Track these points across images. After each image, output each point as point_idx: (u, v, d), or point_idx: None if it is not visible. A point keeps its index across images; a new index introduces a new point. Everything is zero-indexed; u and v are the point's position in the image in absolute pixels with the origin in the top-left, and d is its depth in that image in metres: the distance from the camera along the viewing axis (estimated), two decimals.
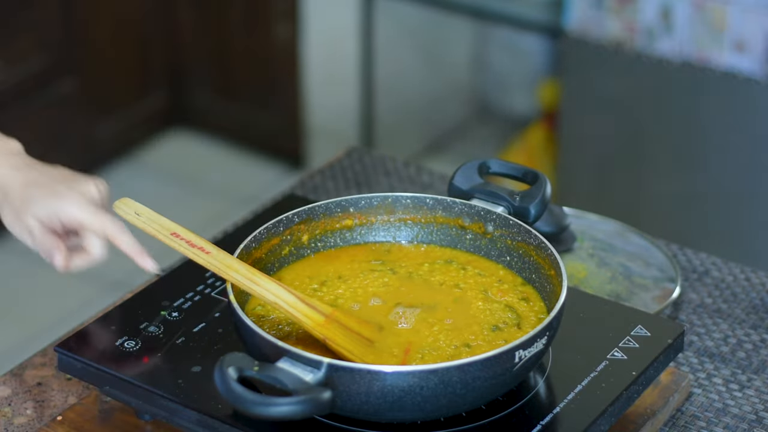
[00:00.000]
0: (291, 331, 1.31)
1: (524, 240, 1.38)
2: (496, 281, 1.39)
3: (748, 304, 1.62)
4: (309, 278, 1.39)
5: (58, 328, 2.59)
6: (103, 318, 1.38)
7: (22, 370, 1.48)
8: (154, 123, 3.87)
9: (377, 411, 1.20)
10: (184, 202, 3.66)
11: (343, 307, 1.34)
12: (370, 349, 1.26)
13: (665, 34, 2.95)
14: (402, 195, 1.45)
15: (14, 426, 1.40)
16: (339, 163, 1.93)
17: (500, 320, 1.32)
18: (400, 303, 1.34)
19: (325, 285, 1.38)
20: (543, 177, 1.43)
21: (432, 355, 1.26)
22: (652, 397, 1.40)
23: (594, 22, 3.04)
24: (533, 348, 1.23)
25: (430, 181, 1.89)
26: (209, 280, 1.44)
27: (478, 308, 1.34)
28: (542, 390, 1.30)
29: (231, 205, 3.64)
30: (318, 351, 1.22)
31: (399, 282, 1.38)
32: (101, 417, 1.36)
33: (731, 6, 2.84)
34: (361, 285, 1.38)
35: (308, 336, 1.29)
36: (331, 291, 1.37)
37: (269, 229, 1.39)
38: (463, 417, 1.25)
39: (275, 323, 1.32)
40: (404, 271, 1.40)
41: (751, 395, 1.46)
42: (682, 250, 1.73)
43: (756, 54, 2.85)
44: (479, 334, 1.30)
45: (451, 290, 1.37)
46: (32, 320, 3.13)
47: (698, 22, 2.89)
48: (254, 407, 1.14)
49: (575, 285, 1.56)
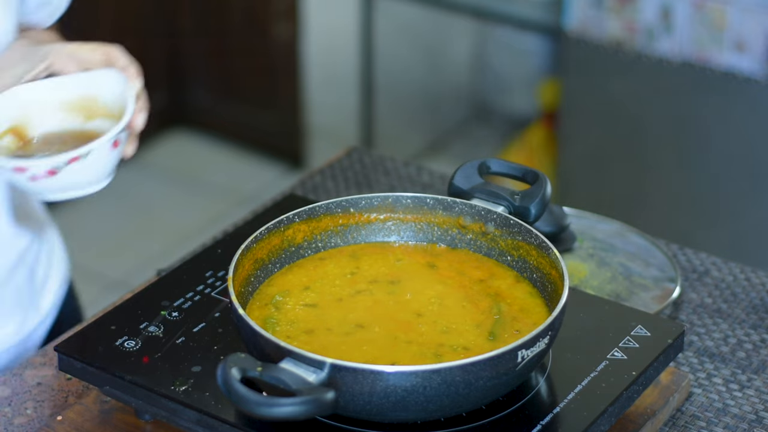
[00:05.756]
0: (294, 331, 1.31)
1: (525, 240, 1.38)
2: (496, 281, 1.39)
3: (748, 304, 1.62)
4: (308, 278, 1.39)
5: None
6: (103, 318, 1.38)
7: (22, 370, 1.48)
8: (154, 123, 3.87)
9: (380, 411, 1.20)
10: (184, 202, 3.66)
11: (344, 299, 1.34)
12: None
13: (665, 34, 2.95)
14: (402, 195, 1.45)
15: (14, 426, 1.40)
16: (339, 163, 1.93)
17: (499, 320, 1.32)
18: (396, 301, 1.35)
19: (324, 285, 1.38)
20: (543, 177, 1.43)
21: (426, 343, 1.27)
22: (652, 397, 1.40)
23: (594, 22, 3.04)
24: (535, 348, 1.23)
25: (430, 181, 1.89)
26: (209, 280, 1.44)
27: (477, 308, 1.34)
28: (542, 390, 1.30)
29: (231, 205, 3.64)
30: (321, 352, 1.22)
31: (394, 286, 1.38)
32: (101, 417, 1.36)
33: (731, 6, 2.84)
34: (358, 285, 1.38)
35: (310, 336, 1.29)
36: (329, 290, 1.37)
37: (269, 229, 1.39)
38: (464, 417, 1.25)
39: (276, 323, 1.32)
40: (403, 271, 1.40)
41: (751, 395, 1.46)
42: (682, 250, 1.73)
43: (756, 54, 2.85)
44: (479, 335, 1.30)
45: (450, 290, 1.37)
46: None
47: (698, 22, 2.89)
48: (258, 408, 1.14)
49: (575, 285, 1.56)
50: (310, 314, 1.33)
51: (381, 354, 1.27)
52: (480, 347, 1.28)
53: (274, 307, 1.34)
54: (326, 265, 1.41)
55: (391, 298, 1.36)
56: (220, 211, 3.62)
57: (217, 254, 1.48)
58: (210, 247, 1.52)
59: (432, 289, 1.37)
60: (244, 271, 1.35)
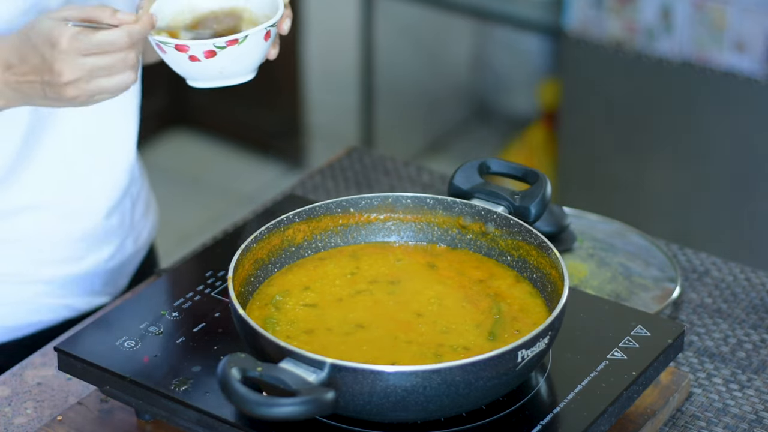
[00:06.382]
0: (294, 331, 1.31)
1: (525, 240, 1.38)
2: (496, 281, 1.39)
3: (748, 304, 1.62)
4: (308, 278, 1.39)
5: None
6: (103, 318, 1.38)
7: (22, 369, 1.48)
8: (154, 123, 3.87)
9: (380, 411, 1.20)
10: (184, 202, 3.66)
11: (344, 298, 1.34)
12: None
13: (665, 34, 2.95)
14: (402, 195, 1.45)
15: (14, 426, 1.40)
16: (339, 163, 1.93)
17: (499, 320, 1.32)
18: (395, 300, 1.35)
19: (324, 285, 1.38)
20: (543, 176, 1.43)
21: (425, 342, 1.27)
22: (652, 397, 1.40)
23: (594, 22, 3.04)
24: (535, 348, 1.23)
25: (430, 181, 1.89)
26: (209, 280, 1.44)
27: (477, 308, 1.34)
28: (542, 390, 1.30)
29: (231, 205, 3.64)
30: (321, 352, 1.22)
31: (394, 286, 1.38)
32: (101, 417, 1.36)
33: (731, 6, 2.84)
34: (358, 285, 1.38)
35: (311, 337, 1.29)
36: (329, 290, 1.37)
37: (269, 229, 1.39)
38: (463, 417, 1.25)
39: (277, 323, 1.32)
40: (403, 271, 1.40)
41: (751, 395, 1.46)
42: (682, 250, 1.73)
43: (756, 54, 2.85)
44: (479, 335, 1.30)
45: (450, 290, 1.37)
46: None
47: (698, 22, 2.89)
48: (258, 408, 1.14)
49: (575, 285, 1.56)
50: (310, 314, 1.33)
51: (381, 354, 1.27)
52: (480, 347, 1.28)
53: (274, 307, 1.34)
54: (326, 265, 1.41)
55: (391, 298, 1.36)
56: (220, 211, 3.62)
57: (217, 254, 1.48)
58: (210, 247, 1.52)
59: (432, 289, 1.37)
60: (244, 271, 1.35)
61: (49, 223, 1.59)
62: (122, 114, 1.63)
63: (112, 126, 1.62)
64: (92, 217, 1.62)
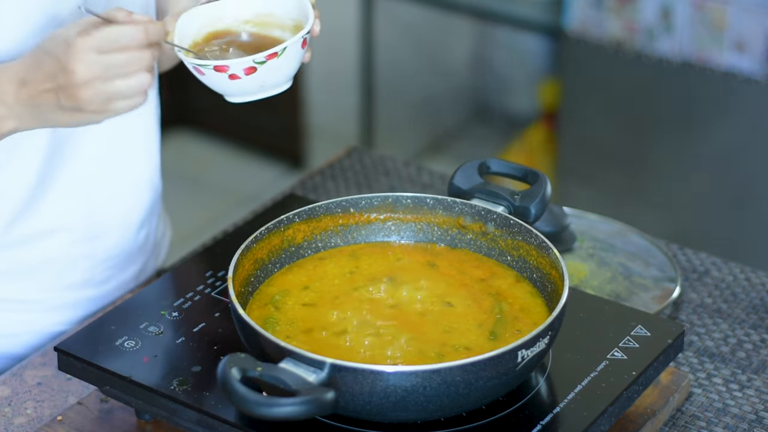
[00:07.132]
0: (293, 331, 1.31)
1: (525, 240, 1.38)
2: (497, 280, 1.38)
3: (748, 304, 1.62)
4: (308, 278, 1.39)
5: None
6: (103, 318, 1.38)
7: (22, 369, 1.48)
8: None
9: (380, 411, 1.20)
10: (185, 202, 3.66)
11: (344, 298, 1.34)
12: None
13: (665, 34, 2.95)
14: (402, 195, 1.45)
15: (14, 426, 1.40)
16: (339, 163, 1.93)
17: (501, 320, 1.32)
18: (397, 302, 1.35)
19: (323, 285, 1.38)
20: (543, 177, 1.43)
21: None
22: (652, 397, 1.40)
23: (594, 22, 3.04)
24: (535, 348, 1.23)
25: (430, 181, 1.89)
26: (209, 280, 1.44)
27: (480, 307, 1.34)
28: (542, 390, 1.30)
29: (231, 205, 3.64)
30: (321, 352, 1.22)
31: (395, 286, 1.38)
32: (101, 417, 1.36)
33: (731, 6, 2.84)
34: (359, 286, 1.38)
35: (311, 336, 1.29)
36: (329, 290, 1.37)
37: (269, 229, 1.39)
38: (463, 417, 1.25)
39: (277, 323, 1.32)
40: (404, 270, 1.40)
41: (751, 395, 1.46)
42: (682, 250, 1.73)
43: (756, 54, 2.85)
44: (480, 335, 1.30)
45: (452, 289, 1.37)
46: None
47: (698, 22, 2.89)
48: (258, 408, 1.14)
49: (575, 285, 1.56)
50: (309, 314, 1.33)
51: (381, 354, 1.27)
52: (481, 347, 1.28)
53: (274, 307, 1.34)
54: (326, 265, 1.41)
55: (392, 298, 1.36)
56: (220, 211, 3.62)
57: (217, 254, 1.48)
58: (210, 247, 1.52)
59: (433, 289, 1.37)
60: (244, 271, 1.35)
61: (73, 246, 1.57)
62: (143, 130, 1.60)
63: (133, 144, 1.61)
64: (118, 239, 1.61)
